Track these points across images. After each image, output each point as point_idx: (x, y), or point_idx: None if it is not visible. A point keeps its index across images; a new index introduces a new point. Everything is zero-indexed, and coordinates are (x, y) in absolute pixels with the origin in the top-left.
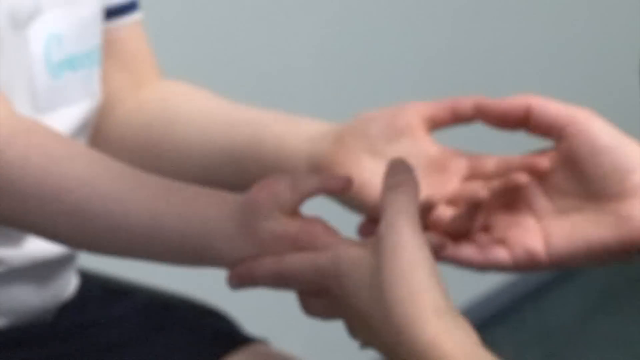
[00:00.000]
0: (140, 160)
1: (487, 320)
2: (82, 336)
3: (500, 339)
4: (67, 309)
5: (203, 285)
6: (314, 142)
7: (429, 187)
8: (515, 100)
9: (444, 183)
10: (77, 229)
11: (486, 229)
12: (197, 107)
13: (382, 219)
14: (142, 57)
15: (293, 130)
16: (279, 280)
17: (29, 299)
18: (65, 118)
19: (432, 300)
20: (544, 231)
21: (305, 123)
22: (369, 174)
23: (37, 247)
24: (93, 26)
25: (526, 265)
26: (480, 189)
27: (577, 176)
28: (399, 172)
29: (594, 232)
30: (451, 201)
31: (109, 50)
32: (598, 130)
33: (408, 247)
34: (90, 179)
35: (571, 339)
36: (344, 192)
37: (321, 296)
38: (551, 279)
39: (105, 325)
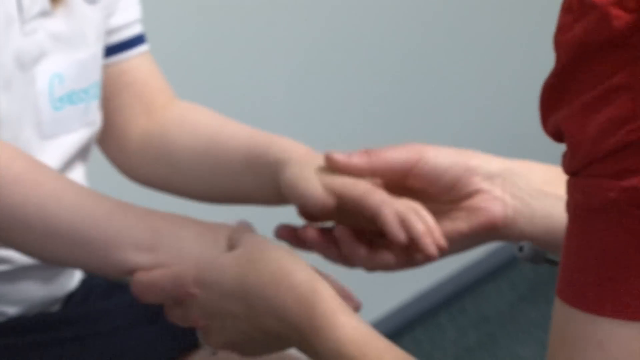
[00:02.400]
0: (157, 175)
1: (433, 308)
2: (85, 324)
3: (445, 324)
4: (72, 300)
5: None
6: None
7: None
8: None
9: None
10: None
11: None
12: (208, 123)
13: (237, 239)
14: (154, 84)
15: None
16: (147, 292)
17: (37, 291)
18: (66, 144)
19: (299, 258)
20: None
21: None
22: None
23: None
24: (91, 65)
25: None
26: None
27: (433, 193)
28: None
29: (452, 226)
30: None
31: (122, 82)
32: (433, 158)
33: (277, 250)
34: (59, 179)
35: (505, 324)
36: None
37: (182, 305)
38: (488, 273)
39: (106, 314)
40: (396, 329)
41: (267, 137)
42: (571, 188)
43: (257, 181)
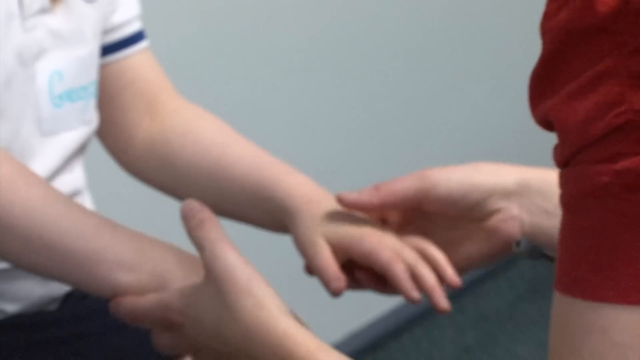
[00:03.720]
0: (161, 182)
1: (432, 307)
2: (83, 323)
3: (444, 323)
4: (70, 299)
5: None
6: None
7: None
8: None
9: None
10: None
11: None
12: (213, 140)
13: (201, 252)
14: (155, 81)
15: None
16: (134, 319)
17: (36, 290)
18: (65, 141)
19: (276, 303)
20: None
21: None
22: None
23: None
24: (90, 63)
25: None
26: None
27: (451, 216)
28: (196, 213)
29: (472, 248)
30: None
31: (123, 80)
32: (446, 182)
33: (239, 266)
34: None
35: (503, 322)
36: None
37: (171, 330)
38: (486, 273)
39: (104, 313)
40: (395, 328)
41: (273, 173)
42: (563, 180)
43: (262, 217)
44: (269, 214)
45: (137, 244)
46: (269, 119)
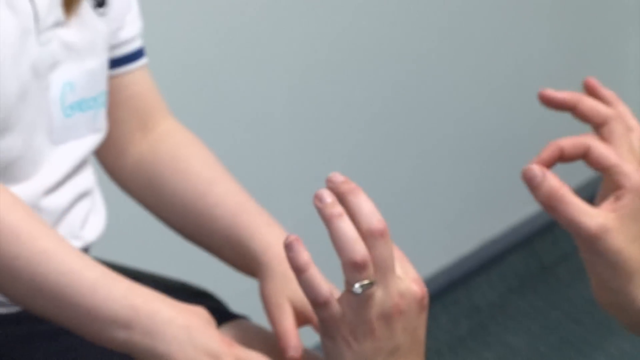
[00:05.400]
0: (146, 202)
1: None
2: None
3: (438, 314)
4: None
5: (198, 273)
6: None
7: None
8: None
9: None
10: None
11: None
12: (200, 174)
13: None
14: (150, 99)
15: (267, 242)
16: None
17: None
18: (75, 149)
19: None
20: None
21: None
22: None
23: None
24: (100, 75)
25: None
26: None
27: None
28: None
29: None
30: None
31: (120, 96)
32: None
33: None
34: (56, 240)
35: (494, 314)
36: None
37: None
38: (479, 266)
39: None
40: None
41: (252, 223)
42: None
43: (236, 260)
44: (243, 259)
45: (132, 301)
46: (271, 123)
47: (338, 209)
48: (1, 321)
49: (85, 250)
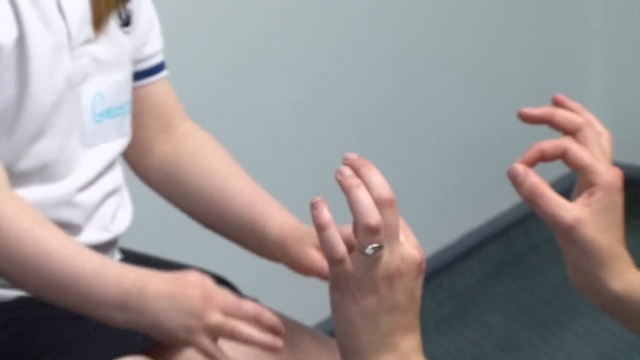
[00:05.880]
0: (170, 196)
1: None
2: None
3: (425, 297)
4: None
5: (214, 261)
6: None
7: None
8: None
9: None
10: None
11: None
12: (217, 170)
13: None
14: (170, 106)
15: (282, 220)
16: None
17: None
18: (105, 151)
19: None
20: None
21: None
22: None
23: (89, 235)
24: (125, 86)
25: None
26: None
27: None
28: None
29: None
30: None
31: (144, 104)
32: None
33: None
34: (56, 240)
35: (474, 296)
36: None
37: None
38: (461, 254)
39: None
40: None
41: (266, 210)
42: None
43: (254, 244)
44: (260, 243)
45: (124, 287)
46: (280, 126)
47: (356, 180)
48: (30, 304)
49: (114, 241)
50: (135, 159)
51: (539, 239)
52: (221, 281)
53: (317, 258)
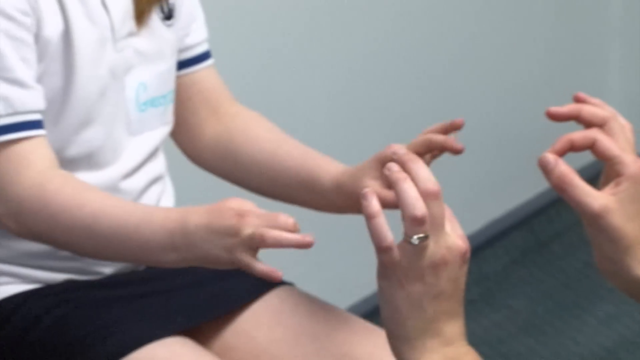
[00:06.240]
0: (225, 172)
1: None
2: (166, 279)
3: None
4: None
5: None
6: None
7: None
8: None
9: None
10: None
11: None
12: (268, 138)
13: None
14: (218, 91)
15: (334, 167)
16: None
17: None
18: (149, 139)
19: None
20: None
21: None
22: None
23: None
24: (168, 76)
25: None
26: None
27: None
28: None
29: None
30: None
31: (193, 90)
32: None
33: None
34: (101, 200)
35: (500, 281)
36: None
37: None
38: (486, 241)
39: (184, 272)
40: None
41: (318, 163)
42: None
43: (311, 197)
44: (317, 195)
45: (169, 228)
46: (313, 128)
47: (403, 174)
48: (76, 287)
49: None
50: (188, 144)
51: (562, 226)
52: None
53: (374, 187)
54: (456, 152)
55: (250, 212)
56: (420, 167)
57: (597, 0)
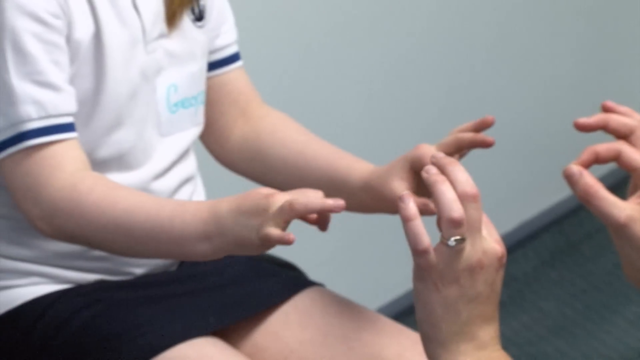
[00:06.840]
0: (253, 173)
1: None
2: (197, 280)
3: None
4: (187, 262)
5: (283, 248)
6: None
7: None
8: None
9: None
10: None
11: None
12: (296, 138)
13: None
14: (247, 93)
15: (362, 167)
16: None
17: None
18: (180, 140)
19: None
20: None
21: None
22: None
23: None
24: (199, 77)
25: None
26: None
27: None
28: None
29: None
30: None
31: (222, 91)
32: None
33: None
34: (132, 197)
35: (529, 283)
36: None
37: None
38: (516, 243)
39: (215, 272)
40: None
41: (345, 163)
42: None
43: (342, 198)
44: (345, 194)
45: (202, 218)
46: (347, 132)
47: (441, 176)
48: (108, 287)
49: None
50: (216, 145)
51: (592, 228)
52: (290, 266)
53: (402, 187)
54: (487, 145)
55: (278, 192)
56: (459, 170)
57: (628, 4)
